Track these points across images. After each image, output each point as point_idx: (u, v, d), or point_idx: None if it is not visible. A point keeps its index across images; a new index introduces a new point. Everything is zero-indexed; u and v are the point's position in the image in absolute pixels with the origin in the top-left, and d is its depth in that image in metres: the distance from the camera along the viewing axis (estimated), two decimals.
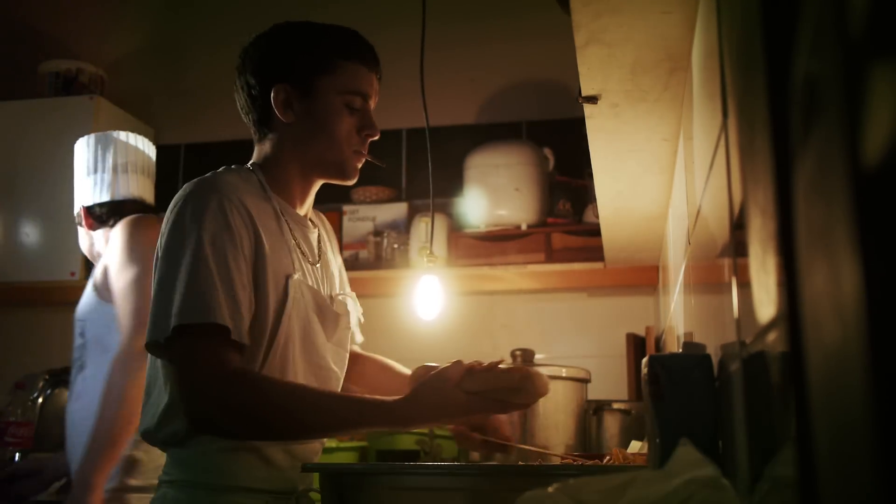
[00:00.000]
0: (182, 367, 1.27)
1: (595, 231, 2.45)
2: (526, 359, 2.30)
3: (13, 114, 3.16)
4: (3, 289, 3.12)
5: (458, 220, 3.03)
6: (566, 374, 2.22)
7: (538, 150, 2.93)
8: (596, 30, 1.12)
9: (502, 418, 1.50)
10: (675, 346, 1.66)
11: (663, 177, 1.73)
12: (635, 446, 1.80)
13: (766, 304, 0.58)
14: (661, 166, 1.67)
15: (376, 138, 1.48)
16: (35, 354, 3.11)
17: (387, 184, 3.12)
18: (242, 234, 1.32)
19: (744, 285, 0.70)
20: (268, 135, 1.47)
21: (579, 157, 2.65)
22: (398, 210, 3.04)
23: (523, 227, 2.88)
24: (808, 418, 0.46)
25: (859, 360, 0.34)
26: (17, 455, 2.45)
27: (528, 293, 3.02)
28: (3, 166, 3.12)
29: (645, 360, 0.90)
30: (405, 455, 2.39)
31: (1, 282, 3.09)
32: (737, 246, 0.74)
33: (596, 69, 1.24)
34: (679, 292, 1.55)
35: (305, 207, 1.51)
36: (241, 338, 1.27)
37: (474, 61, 3.21)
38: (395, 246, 2.95)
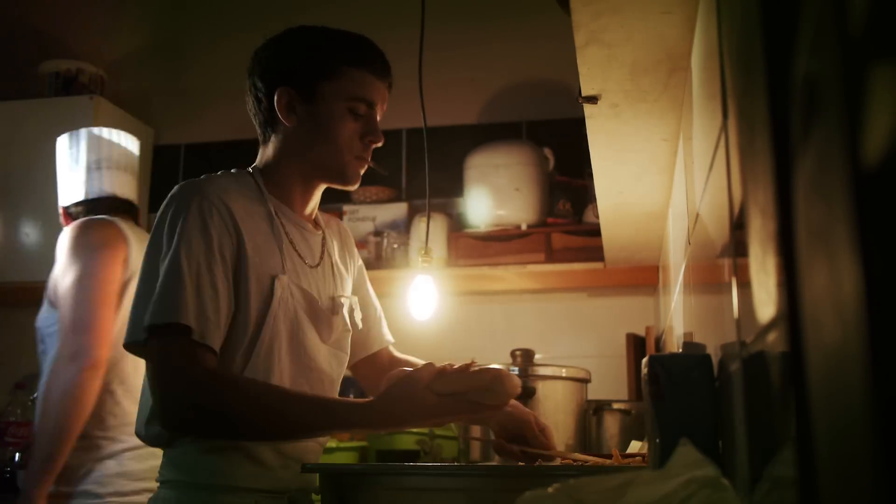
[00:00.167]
0: (154, 367, 1.29)
1: (595, 231, 2.45)
2: (526, 359, 2.30)
3: (13, 114, 3.16)
4: (2, 289, 3.12)
5: (458, 220, 3.03)
6: (566, 374, 2.22)
7: (538, 150, 2.93)
8: (596, 30, 1.12)
9: (540, 425, 1.48)
10: (675, 346, 1.66)
11: (663, 177, 1.73)
12: (635, 446, 1.80)
13: (766, 304, 0.58)
14: (661, 166, 1.67)
15: (380, 145, 1.48)
16: (35, 354, 3.10)
17: (387, 184, 3.12)
18: (222, 236, 1.33)
19: (744, 285, 0.70)
20: (271, 137, 1.48)
21: (579, 157, 2.64)
22: (398, 210, 3.04)
23: (523, 227, 2.88)
24: (808, 418, 0.46)
25: (859, 360, 0.34)
26: (18, 455, 2.45)
27: (527, 293, 3.02)
28: (2, 166, 3.12)
29: (645, 360, 0.90)
30: (405, 455, 2.40)
31: (1, 282, 3.09)
32: (737, 246, 0.74)
33: (596, 69, 1.24)
34: (679, 292, 1.55)
35: (308, 210, 1.51)
36: (204, 338, 1.28)
37: (474, 61, 3.21)
38: (395, 246, 2.95)
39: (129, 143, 2.27)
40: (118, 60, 3.44)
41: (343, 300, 1.52)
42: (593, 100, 1.34)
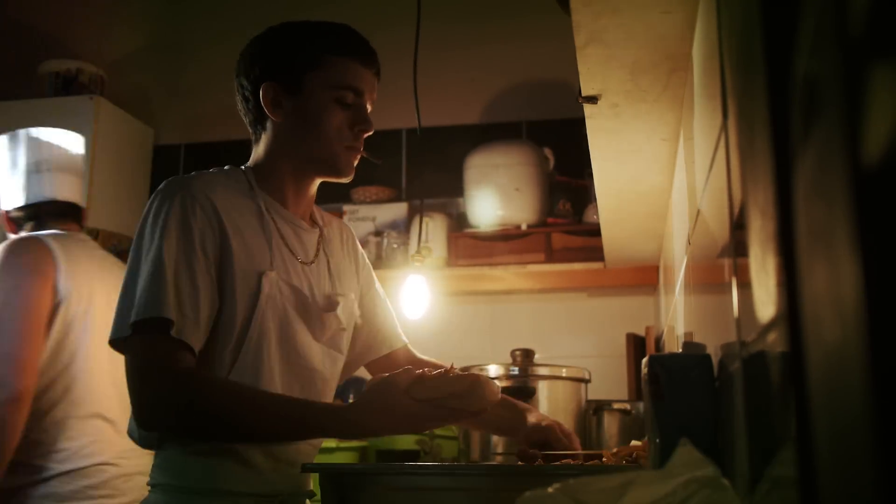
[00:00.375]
0: (129, 363, 1.29)
1: (595, 231, 2.45)
2: (526, 359, 2.30)
3: (13, 114, 3.15)
4: None
5: (458, 220, 3.04)
6: (566, 374, 2.22)
7: (538, 150, 2.93)
8: (596, 30, 1.12)
9: (565, 430, 1.47)
10: (675, 346, 1.66)
11: (663, 177, 1.73)
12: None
13: (766, 304, 0.58)
14: (661, 166, 1.67)
15: (370, 133, 1.45)
16: None
17: (387, 184, 3.12)
18: (204, 232, 1.32)
19: (744, 285, 0.70)
20: (261, 135, 1.47)
21: (579, 157, 2.65)
22: (398, 210, 3.04)
23: (523, 227, 2.88)
24: (808, 418, 0.46)
25: (859, 360, 0.34)
26: None
27: (527, 293, 3.02)
28: None
29: (645, 360, 0.90)
30: (405, 455, 2.39)
31: None
32: (737, 246, 0.74)
33: (596, 69, 1.24)
34: (679, 292, 1.55)
35: (301, 207, 1.49)
36: (182, 335, 1.26)
37: (475, 61, 3.21)
38: (395, 246, 2.95)
39: (72, 143, 2.20)
40: (118, 60, 3.44)
41: (340, 298, 1.48)
42: (593, 100, 1.34)
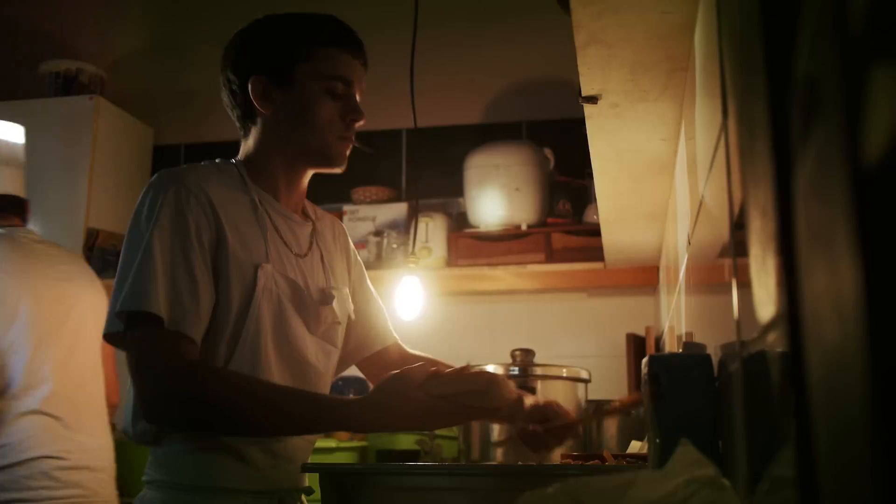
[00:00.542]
0: (130, 358, 1.27)
1: (595, 231, 2.45)
2: (526, 359, 2.30)
3: (13, 114, 3.14)
4: None
5: (458, 219, 3.04)
6: (566, 374, 2.22)
7: (538, 150, 2.94)
8: (596, 30, 1.12)
9: (563, 408, 1.44)
10: (675, 346, 1.66)
11: (663, 177, 1.73)
12: (635, 446, 1.80)
13: (766, 304, 0.58)
14: (661, 166, 1.67)
15: (362, 123, 1.44)
16: None
17: (387, 184, 3.12)
18: (200, 223, 1.31)
19: (744, 285, 0.70)
20: (251, 130, 1.46)
21: (579, 157, 2.64)
22: (398, 210, 3.04)
23: (523, 227, 2.88)
24: (808, 418, 0.46)
25: (859, 360, 0.34)
26: None
27: (528, 293, 3.02)
28: None
29: (645, 360, 0.90)
30: (405, 455, 2.39)
31: None
32: (737, 246, 0.74)
33: (596, 69, 1.24)
34: (679, 292, 1.55)
35: (293, 200, 1.48)
36: (179, 327, 1.25)
37: (475, 62, 3.21)
38: (395, 246, 2.95)
39: (11, 134, 2.15)
40: (118, 60, 3.44)
41: (334, 291, 1.47)
42: (593, 100, 1.34)
